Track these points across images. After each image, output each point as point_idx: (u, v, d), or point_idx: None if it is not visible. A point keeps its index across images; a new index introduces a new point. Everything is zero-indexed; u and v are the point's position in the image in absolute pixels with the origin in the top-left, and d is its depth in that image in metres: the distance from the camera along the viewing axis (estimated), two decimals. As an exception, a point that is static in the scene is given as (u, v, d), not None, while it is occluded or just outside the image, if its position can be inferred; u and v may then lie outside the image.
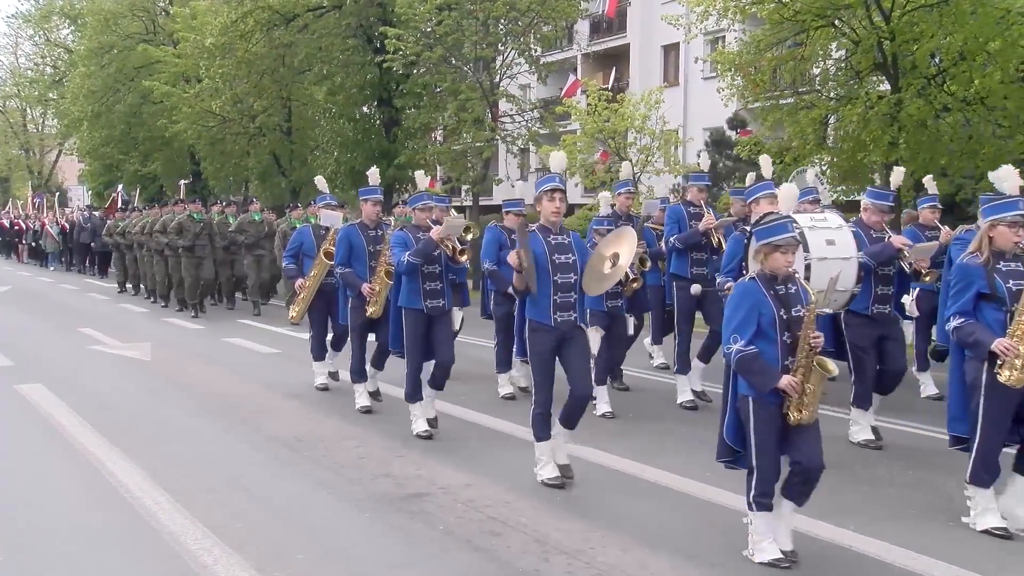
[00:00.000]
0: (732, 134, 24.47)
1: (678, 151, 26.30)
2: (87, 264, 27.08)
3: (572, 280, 5.99)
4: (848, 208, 19.29)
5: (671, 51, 30.98)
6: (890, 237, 7.25)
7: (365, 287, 8.01)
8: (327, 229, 9.07)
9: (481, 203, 25.47)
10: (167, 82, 28.78)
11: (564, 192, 6.06)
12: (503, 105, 24.88)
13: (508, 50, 23.57)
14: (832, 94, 15.31)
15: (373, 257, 8.10)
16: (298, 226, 14.84)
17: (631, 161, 22.16)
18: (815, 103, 15.13)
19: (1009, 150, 13.70)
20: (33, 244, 30.97)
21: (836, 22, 14.54)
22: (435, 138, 26.71)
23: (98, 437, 7.25)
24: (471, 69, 23.46)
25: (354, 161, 25.20)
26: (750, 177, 8.43)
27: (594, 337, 6.21)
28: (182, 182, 20.89)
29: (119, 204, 24.20)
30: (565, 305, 5.99)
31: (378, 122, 25.68)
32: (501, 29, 23.00)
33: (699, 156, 11.59)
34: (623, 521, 5.40)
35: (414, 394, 7.40)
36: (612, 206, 8.81)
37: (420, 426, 7.35)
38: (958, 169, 14.32)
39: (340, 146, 25.95)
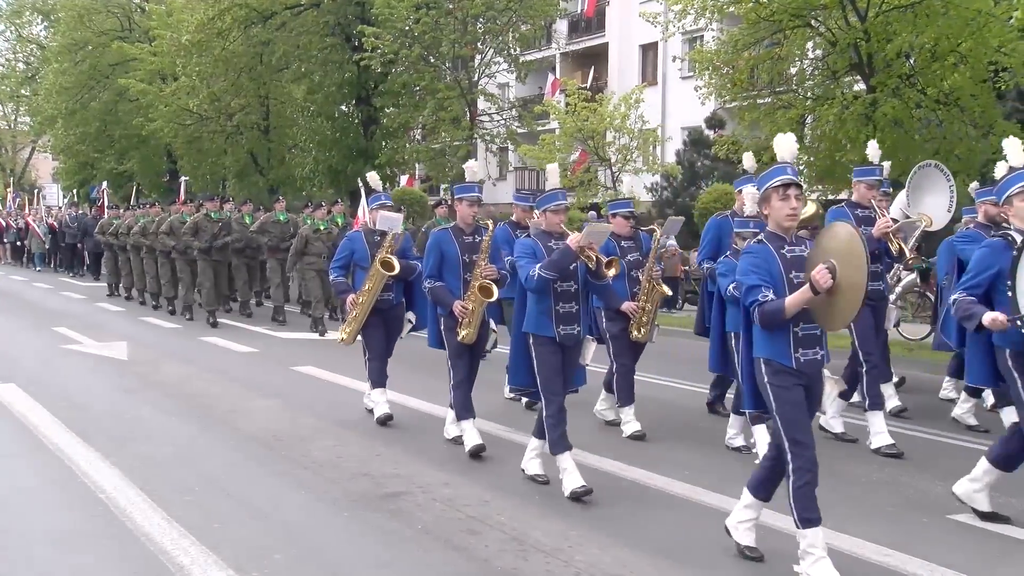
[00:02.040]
0: (710, 133, 24.61)
1: (657, 150, 26.42)
2: (76, 265, 25.91)
3: None
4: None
5: (649, 50, 31.11)
6: None
7: (457, 305, 6.72)
8: (382, 234, 7.73)
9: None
10: (143, 80, 28.58)
11: (802, 188, 4.63)
12: (481, 104, 24.91)
13: (487, 49, 23.60)
14: (809, 94, 15.44)
15: (468, 268, 6.82)
16: (322, 227, 13.91)
17: (610, 161, 22.30)
18: (792, 103, 15.25)
19: (982, 150, 13.88)
20: (18, 243, 29.63)
21: (812, 22, 14.67)
22: (414, 137, 26.70)
23: (72, 437, 7.18)
24: (449, 68, 23.47)
25: (332, 160, 25.16)
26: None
27: (830, 388, 4.72)
28: (183, 178, 19.77)
29: (107, 202, 23.39)
30: (809, 340, 4.51)
31: (356, 121, 25.65)
32: (479, 28, 23.03)
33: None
34: (602, 520, 5.41)
35: (560, 442, 5.83)
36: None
37: (534, 467, 6.15)
38: (934, 168, 14.48)
39: (318, 145, 25.90)
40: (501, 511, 5.52)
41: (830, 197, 17.00)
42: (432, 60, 23.04)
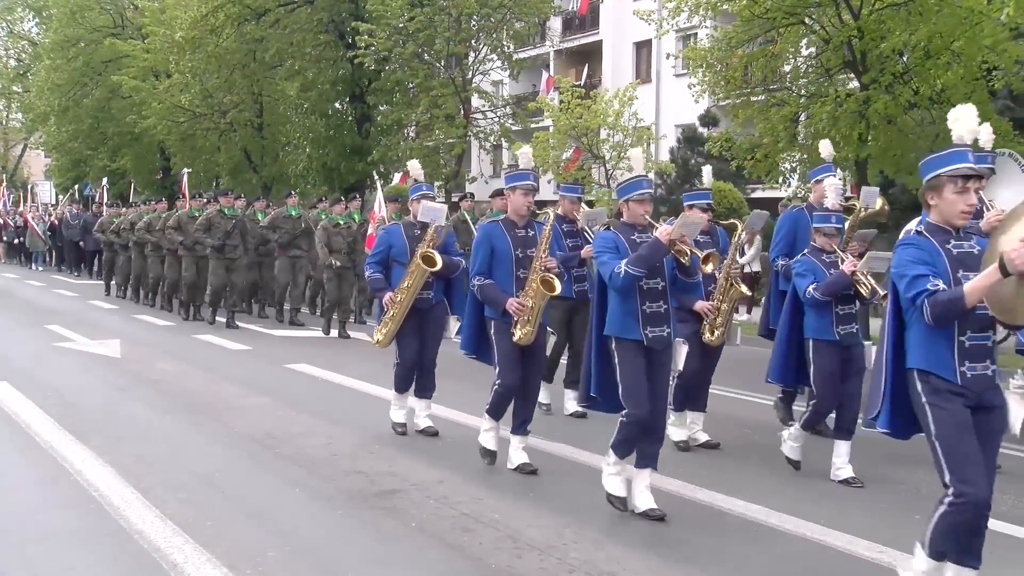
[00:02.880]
0: (704, 131, 24.63)
1: (651, 148, 26.44)
2: (78, 264, 25.37)
3: (988, 315, 3.76)
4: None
5: (643, 48, 31.13)
6: None
7: (512, 302, 6.07)
8: (423, 227, 7.15)
9: (453, 199, 25.50)
10: (136, 77, 28.50)
11: (982, 179, 4.13)
12: (475, 101, 24.90)
13: (481, 46, 23.59)
14: (802, 91, 15.46)
15: (522, 264, 6.19)
16: (341, 222, 13.23)
17: (604, 158, 22.29)
18: (786, 100, 15.26)
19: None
20: (16, 241, 28.84)
21: (806, 20, 14.68)
22: (407, 134, 26.68)
23: (65, 435, 7.15)
24: (443, 65, 23.45)
25: (326, 157, 25.12)
26: None
27: (1018, 408, 4.03)
28: (185, 171, 18.78)
29: (106, 199, 22.87)
30: (978, 352, 3.86)
31: (350, 118, 25.61)
32: (473, 25, 23.02)
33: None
34: (596, 517, 5.42)
35: (624, 448, 5.40)
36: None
37: (613, 486, 5.46)
38: (928, 165, 14.54)
39: (312, 142, 25.85)
40: (495, 509, 5.52)
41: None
42: (426, 57, 23.00)
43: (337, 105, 26.24)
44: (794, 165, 16.40)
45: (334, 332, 13.16)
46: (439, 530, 5.16)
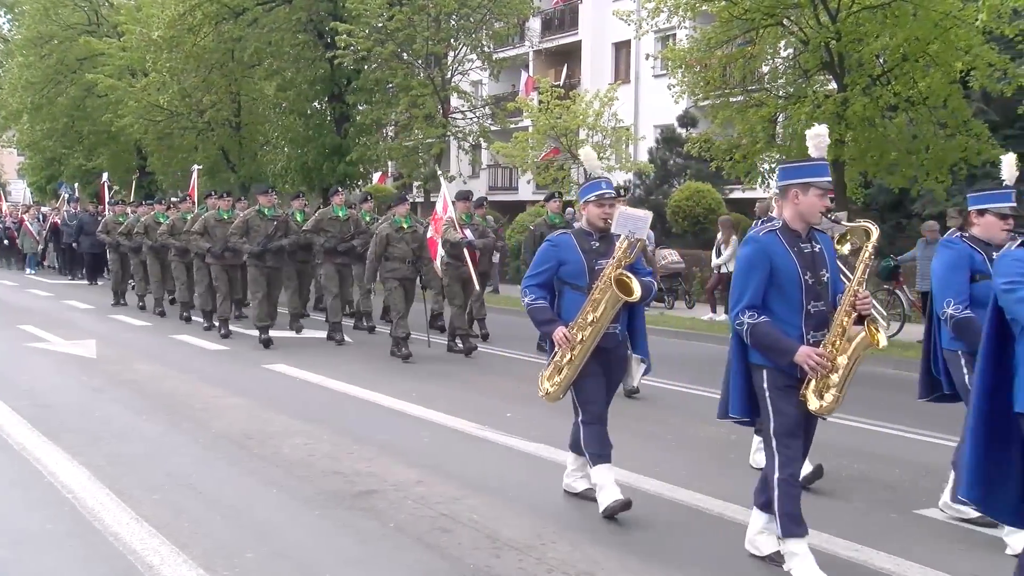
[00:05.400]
0: (682, 131, 24.75)
1: (630, 148, 26.53)
2: (75, 267, 24.10)
3: None
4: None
5: (622, 48, 31.23)
6: None
7: (810, 354, 4.21)
8: (600, 237, 5.47)
9: (432, 199, 25.46)
10: (112, 75, 28.23)
11: None
12: (455, 101, 24.89)
13: (460, 46, 23.58)
14: (781, 92, 15.55)
15: (812, 294, 4.33)
16: (406, 225, 11.24)
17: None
18: (764, 101, 15.34)
19: (951, 149, 14.05)
20: (5, 242, 27.92)
21: (784, 21, 14.77)
22: (386, 134, 26.62)
23: (38, 436, 7.08)
24: (423, 65, 23.41)
25: (305, 157, 25.00)
26: None
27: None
28: (196, 167, 16.96)
29: (107, 198, 22.08)
30: None
31: (329, 118, 25.50)
32: (453, 25, 23.01)
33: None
34: (574, 517, 5.42)
35: None
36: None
37: None
38: (907, 166, 14.65)
39: (291, 142, 25.72)
40: (474, 509, 5.51)
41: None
42: (405, 57, 22.96)
43: (316, 105, 26.13)
44: (772, 166, 16.48)
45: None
46: (417, 530, 5.15)
